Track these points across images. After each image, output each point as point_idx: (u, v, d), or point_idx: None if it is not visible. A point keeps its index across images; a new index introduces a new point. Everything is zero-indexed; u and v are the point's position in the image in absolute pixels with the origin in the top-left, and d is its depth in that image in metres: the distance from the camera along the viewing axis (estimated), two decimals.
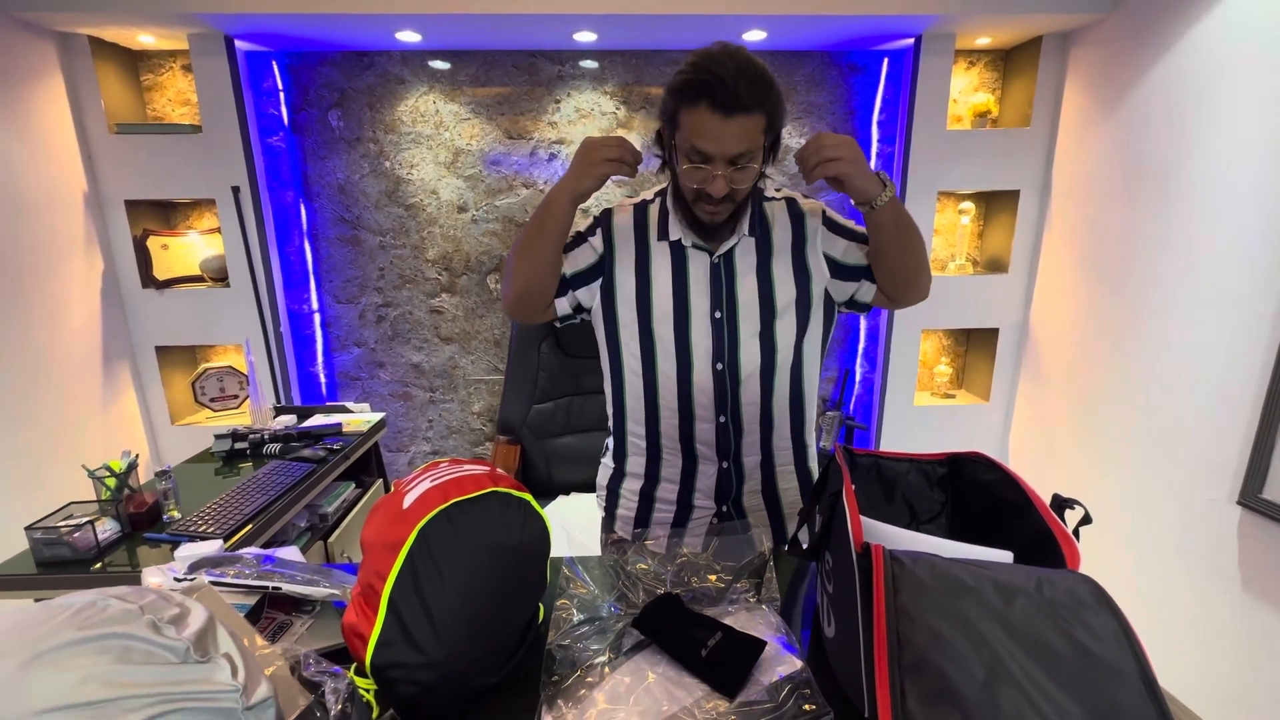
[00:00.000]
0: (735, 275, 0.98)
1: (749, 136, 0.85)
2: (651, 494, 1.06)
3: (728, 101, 0.82)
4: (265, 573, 0.80)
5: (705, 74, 0.82)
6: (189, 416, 2.27)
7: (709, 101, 0.82)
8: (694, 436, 1.01)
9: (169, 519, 1.24)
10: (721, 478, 1.03)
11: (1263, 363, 1.41)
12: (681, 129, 0.87)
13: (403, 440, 2.49)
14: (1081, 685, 0.44)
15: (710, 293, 0.97)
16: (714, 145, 0.84)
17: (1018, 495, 0.75)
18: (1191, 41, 1.61)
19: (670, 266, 0.98)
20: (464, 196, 2.28)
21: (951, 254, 2.36)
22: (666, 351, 0.98)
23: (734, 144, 0.84)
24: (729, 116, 0.83)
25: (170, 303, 2.12)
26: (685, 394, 0.99)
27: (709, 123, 0.83)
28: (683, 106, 0.85)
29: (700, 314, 0.97)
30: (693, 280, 0.97)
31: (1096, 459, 1.97)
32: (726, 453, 1.02)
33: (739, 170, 0.86)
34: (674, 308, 0.97)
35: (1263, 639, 1.42)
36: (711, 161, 0.86)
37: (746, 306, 0.98)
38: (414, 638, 0.66)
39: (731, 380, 0.98)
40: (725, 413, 0.99)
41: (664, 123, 0.92)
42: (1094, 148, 1.96)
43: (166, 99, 2.14)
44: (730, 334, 0.98)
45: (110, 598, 0.51)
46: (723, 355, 0.98)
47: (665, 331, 0.98)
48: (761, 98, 0.84)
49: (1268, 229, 1.42)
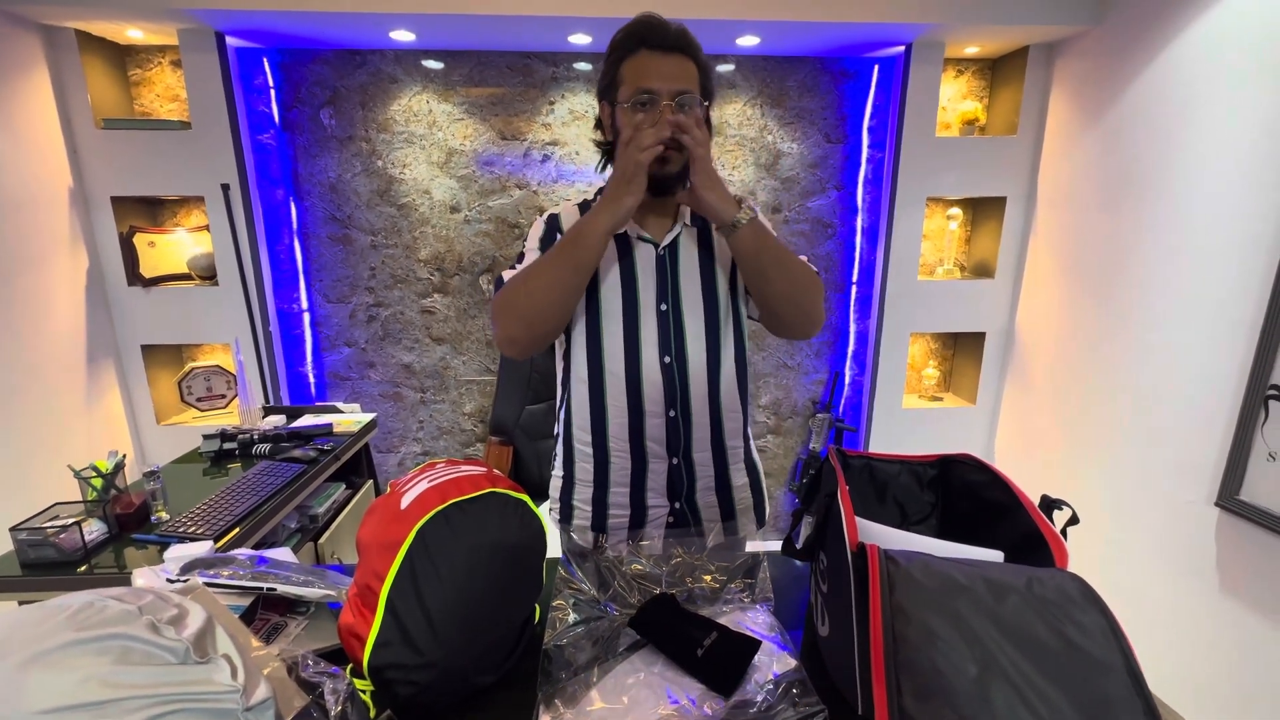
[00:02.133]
0: (679, 267, 1.00)
1: (686, 76, 0.92)
2: (604, 499, 1.05)
3: (663, 41, 0.91)
4: (260, 574, 0.79)
5: (638, 25, 0.93)
6: (175, 416, 2.24)
7: (646, 45, 0.91)
8: (644, 433, 1.00)
9: (157, 520, 1.22)
10: (672, 474, 1.03)
11: (1239, 368, 1.45)
12: (625, 83, 0.93)
13: (393, 441, 2.48)
14: (1071, 680, 0.46)
15: (656, 285, 0.99)
16: (658, 80, 0.90)
17: (1007, 496, 0.76)
18: (1173, 56, 1.65)
19: (617, 260, 0.99)
20: (457, 197, 2.27)
21: (940, 259, 2.40)
22: (614, 350, 0.99)
23: (675, 79, 0.91)
24: (667, 54, 0.91)
25: (157, 301, 2.10)
26: (635, 390, 0.99)
27: (650, 61, 0.91)
28: (624, 60, 0.93)
29: (648, 307, 0.98)
30: (640, 273, 0.99)
31: (1079, 461, 2.01)
32: (676, 448, 1.02)
33: (683, 109, 0.91)
34: (623, 301, 0.98)
35: (1239, 637, 1.46)
36: (656, 99, 0.91)
37: (691, 299, 0.99)
38: (412, 638, 0.66)
39: (680, 373, 0.99)
40: (675, 407, 1.00)
41: (603, 100, 0.98)
42: (1078, 157, 2.00)
43: (155, 94, 2.11)
44: (676, 327, 0.99)
45: (108, 598, 0.51)
46: (669, 348, 0.99)
47: (614, 328, 0.98)
48: (690, 44, 0.93)
49: (1245, 239, 1.46)
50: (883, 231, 2.26)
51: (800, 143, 2.30)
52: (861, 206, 2.38)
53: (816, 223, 2.39)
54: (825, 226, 2.40)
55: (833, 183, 2.36)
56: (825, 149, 2.32)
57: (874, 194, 2.36)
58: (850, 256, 2.44)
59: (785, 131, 2.28)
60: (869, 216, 2.38)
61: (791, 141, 2.29)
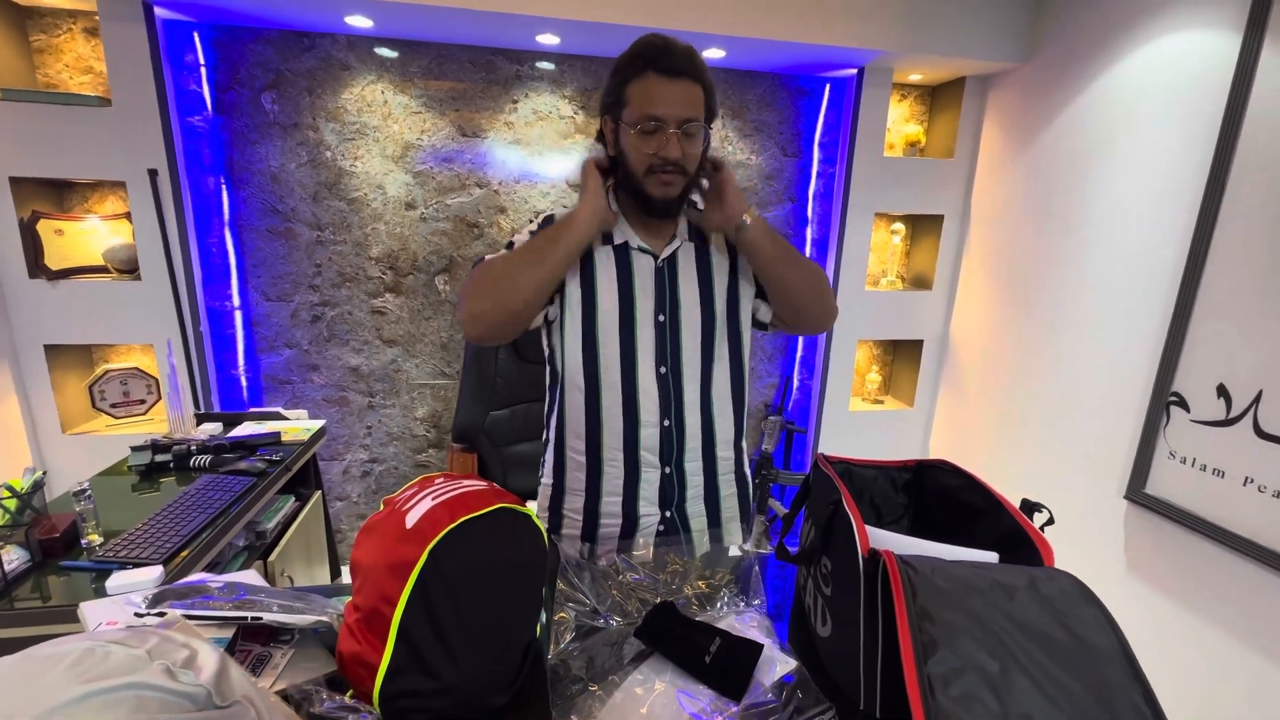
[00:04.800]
0: (678, 279, 1.01)
1: (694, 103, 0.91)
2: (595, 509, 1.05)
3: (671, 66, 0.90)
4: (243, 602, 0.73)
5: (645, 47, 0.91)
6: (84, 425, 2.01)
7: (654, 68, 0.90)
8: (638, 443, 1.02)
9: (89, 544, 1.10)
10: (664, 483, 1.04)
11: (1145, 375, 1.65)
12: (630, 104, 0.92)
13: (337, 448, 2.34)
14: (1079, 668, 0.51)
15: (655, 295, 1.00)
16: (665, 108, 0.90)
17: (984, 499, 0.83)
18: (1093, 96, 1.84)
19: (615, 270, 1.00)
20: (413, 193, 2.18)
21: (884, 270, 2.55)
22: (610, 359, 0.99)
23: (682, 106, 0.90)
24: (674, 79, 0.90)
25: (65, 296, 1.87)
26: (630, 399, 1.00)
27: (657, 86, 0.90)
28: (630, 81, 0.92)
29: (645, 317, 1.00)
30: (638, 283, 1.00)
31: (1006, 459, 2.20)
32: (669, 458, 1.03)
33: (688, 137, 0.92)
34: (620, 311, 0.99)
35: (1145, 615, 1.65)
36: (663, 126, 0.91)
37: (689, 311, 1.01)
38: (427, 664, 0.64)
39: (675, 384, 1.01)
40: (670, 416, 1.02)
41: (607, 115, 0.97)
42: (1008, 181, 2.19)
43: (63, 64, 1.89)
44: (673, 338, 1.01)
45: (108, 643, 0.46)
46: (666, 359, 1.01)
47: (610, 338, 0.99)
48: (698, 69, 0.92)
49: (1151, 263, 1.65)
50: (833, 243, 2.38)
51: (758, 155, 2.38)
52: (812, 219, 2.49)
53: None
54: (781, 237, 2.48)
55: (787, 194, 2.45)
56: (781, 162, 2.41)
57: (824, 207, 2.47)
58: None
59: (745, 143, 2.35)
60: (819, 228, 2.50)
61: (750, 153, 2.37)
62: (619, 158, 0.97)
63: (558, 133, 2.22)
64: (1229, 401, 1.42)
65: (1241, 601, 1.42)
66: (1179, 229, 1.57)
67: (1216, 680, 1.48)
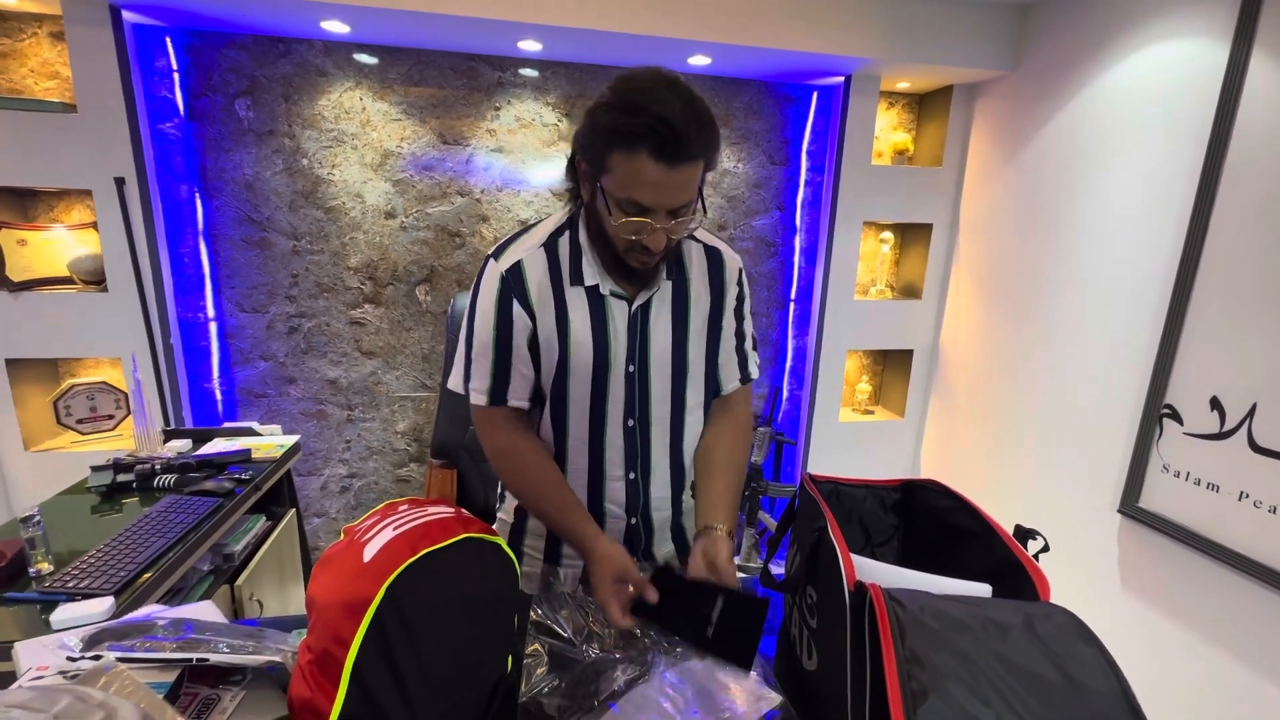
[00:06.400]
0: (650, 326, 0.91)
1: (690, 186, 0.76)
2: (557, 552, 1.01)
3: (676, 151, 0.72)
4: (187, 642, 0.68)
5: (648, 118, 0.70)
6: (49, 441, 1.94)
7: (651, 150, 0.71)
8: (603, 496, 0.96)
9: (37, 573, 1.04)
10: (630, 533, 1.00)
11: (1138, 386, 1.62)
12: (614, 175, 0.75)
13: (315, 464, 2.28)
14: (1073, 713, 0.47)
15: (626, 345, 0.90)
16: (655, 197, 0.74)
17: (975, 523, 0.79)
18: (1081, 104, 1.83)
19: (588, 316, 0.88)
20: (392, 202, 2.13)
21: (873, 279, 2.53)
22: (580, 414, 0.92)
23: (677, 195, 0.75)
24: (674, 167, 0.72)
25: (27, 308, 1.81)
26: (597, 453, 0.94)
27: (650, 173, 0.72)
28: (616, 151, 0.73)
29: (618, 368, 0.90)
30: (612, 330, 0.89)
31: (996, 470, 2.17)
32: (635, 508, 0.98)
33: (679, 221, 0.78)
34: (593, 365, 0.89)
35: (1137, 629, 1.63)
36: (649, 213, 0.76)
37: (659, 360, 0.92)
38: (383, 710, 0.60)
39: (643, 436, 0.95)
40: (635, 469, 0.96)
41: (584, 160, 0.79)
42: (996, 190, 2.18)
43: (28, 69, 1.83)
44: (642, 389, 0.92)
45: (7, 707, 0.41)
46: (634, 411, 0.93)
47: (580, 394, 0.91)
48: (707, 142, 0.75)
49: (1142, 272, 1.64)
50: (822, 252, 2.35)
51: (745, 163, 2.35)
52: (800, 227, 2.47)
53: (760, 241, 2.45)
54: (768, 245, 2.46)
55: (775, 203, 2.43)
56: (769, 170, 2.38)
57: (813, 215, 2.45)
58: (789, 275, 2.52)
59: (732, 151, 2.33)
60: (807, 237, 2.48)
61: (737, 161, 2.34)
62: (592, 208, 0.84)
63: (541, 140, 2.18)
64: (1223, 414, 1.40)
65: (1236, 617, 1.40)
66: (1169, 237, 1.55)
67: (1210, 696, 1.45)
